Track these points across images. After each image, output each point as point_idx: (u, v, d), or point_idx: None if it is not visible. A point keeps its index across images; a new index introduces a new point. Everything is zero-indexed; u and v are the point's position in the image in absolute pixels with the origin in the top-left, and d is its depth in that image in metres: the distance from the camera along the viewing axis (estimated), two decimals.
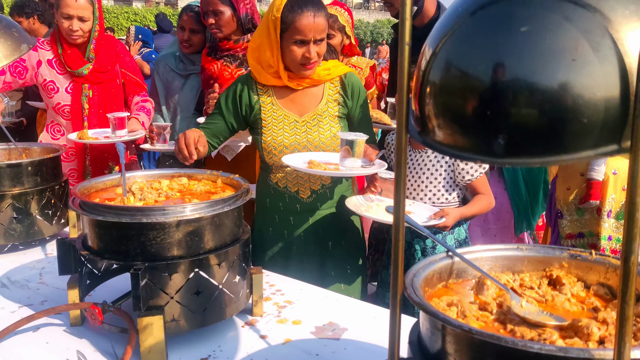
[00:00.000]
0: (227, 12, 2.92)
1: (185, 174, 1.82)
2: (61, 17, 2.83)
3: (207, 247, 1.48)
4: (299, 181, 2.26)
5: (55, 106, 2.96)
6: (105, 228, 1.45)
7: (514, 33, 0.75)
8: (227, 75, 3.00)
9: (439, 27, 0.87)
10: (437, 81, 0.84)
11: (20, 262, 2.08)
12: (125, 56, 3.17)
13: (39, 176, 2.15)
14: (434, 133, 0.86)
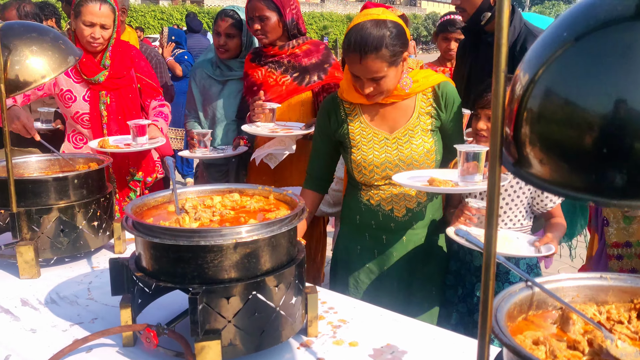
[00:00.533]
0: (273, 17, 2.87)
1: (236, 189, 1.77)
2: (82, 25, 2.79)
3: (264, 268, 1.43)
4: (394, 199, 2.21)
5: (74, 115, 2.93)
6: (161, 250, 1.41)
7: (633, 64, 0.68)
8: (272, 82, 2.96)
9: (537, 51, 0.81)
10: (539, 110, 0.77)
11: (67, 275, 2.06)
12: (140, 60, 3.13)
13: (84, 189, 2.13)
14: (530, 165, 0.80)
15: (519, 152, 0.81)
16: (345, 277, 2.30)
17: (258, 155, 2.85)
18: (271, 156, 2.82)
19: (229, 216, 1.57)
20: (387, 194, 2.21)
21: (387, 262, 2.26)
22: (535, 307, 1.09)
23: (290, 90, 2.95)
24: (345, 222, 2.37)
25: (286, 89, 2.95)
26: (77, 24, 2.80)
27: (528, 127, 0.79)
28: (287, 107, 2.96)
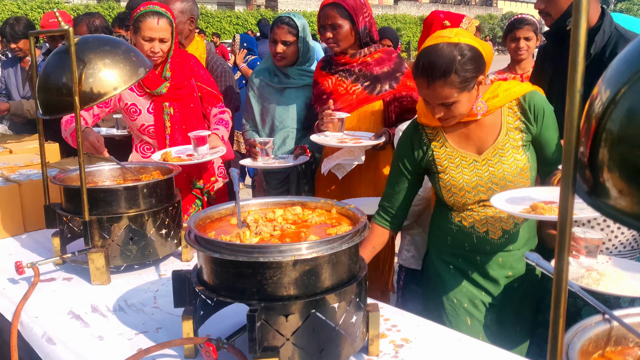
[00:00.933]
0: (346, 25, 2.83)
1: (299, 202, 1.75)
2: (142, 40, 2.84)
3: (324, 286, 1.40)
4: (489, 221, 2.10)
5: (140, 127, 2.98)
6: (221, 265, 1.40)
7: None
8: (342, 91, 2.92)
9: (621, 65, 0.73)
10: (620, 132, 0.70)
11: (136, 283, 2.11)
12: (199, 69, 3.16)
13: (153, 197, 2.17)
14: (608, 195, 0.72)
15: (594, 178, 0.74)
16: (438, 297, 2.21)
17: (326, 165, 2.81)
18: (339, 166, 2.78)
19: (290, 231, 1.55)
20: (481, 215, 2.10)
21: (482, 282, 2.18)
22: (613, 343, 1.01)
23: (361, 99, 2.90)
24: (434, 243, 2.27)
25: (356, 98, 2.90)
26: (137, 39, 2.85)
27: (606, 151, 0.72)
28: (357, 117, 2.92)
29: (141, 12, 2.83)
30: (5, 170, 2.94)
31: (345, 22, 2.83)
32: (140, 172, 2.42)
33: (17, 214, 2.63)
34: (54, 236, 2.25)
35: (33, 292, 1.98)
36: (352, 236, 1.45)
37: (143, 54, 2.81)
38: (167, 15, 2.87)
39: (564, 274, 0.79)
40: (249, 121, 3.35)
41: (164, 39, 2.85)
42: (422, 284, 2.35)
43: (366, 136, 2.75)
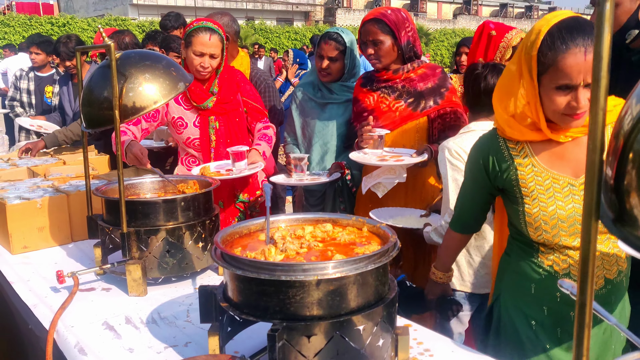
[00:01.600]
0: (388, 41, 2.78)
1: (330, 219, 1.72)
2: (192, 54, 2.87)
3: (349, 307, 1.36)
4: None
5: (186, 141, 3.02)
6: (244, 282, 1.38)
7: None
8: (384, 108, 2.86)
9: None
10: None
11: (171, 295, 2.12)
12: (245, 84, 3.17)
13: (191, 211, 2.18)
14: (637, 226, 0.65)
15: (620, 204, 0.68)
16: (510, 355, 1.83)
17: (366, 184, 2.75)
18: (380, 185, 2.71)
19: (317, 249, 1.52)
20: (576, 258, 1.69)
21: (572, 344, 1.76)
22: None
23: (405, 116, 2.84)
24: (510, 289, 1.87)
25: (400, 115, 2.84)
26: (188, 53, 2.90)
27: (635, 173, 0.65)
28: (400, 134, 2.86)
29: (194, 27, 2.89)
30: (57, 180, 3.03)
31: (387, 37, 2.77)
32: (181, 185, 2.44)
33: (64, 224, 2.71)
34: (95, 247, 2.29)
35: (72, 302, 2.02)
36: (379, 256, 1.40)
37: (193, 68, 2.88)
38: (219, 32, 2.92)
39: (587, 307, 0.73)
40: (290, 135, 3.34)
41: (214, 54, 2.90)
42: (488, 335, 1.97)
43: (407, 153, 2.68)
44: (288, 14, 36.30)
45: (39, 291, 2.17)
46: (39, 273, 2.36)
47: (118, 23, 25.09)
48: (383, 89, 2.88)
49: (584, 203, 0.71)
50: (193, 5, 31.07)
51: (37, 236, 2.63)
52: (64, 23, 23.51)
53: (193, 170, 2.86)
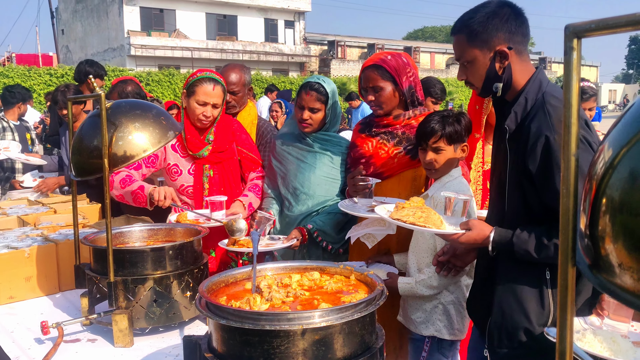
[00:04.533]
0: (388, 87, 2.74)
1: (317, 267, 1.70)
2: (195, 104, 2.92)
3: (335, 357, 1.33)
4: None
5: (180, 188, 3.03)
6: (228, 332, 1.36)
7: None
8: (383, 154, 2.80)
9: (626, 122, 0.67)
10: (621, 201, 0.63)
11: (158, 346, 2.07)
12: (241, 134, 3.20)
13: (179, 260, 2.16)
14: (612, 272, 0.65)
15: (596, 250, 0.67)
16: None
17: (355, 233, 2.68)
18: (369, 235, 2.65)
19: (303, 297, 1.50)
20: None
21: None
22: None
23: (403, 163, 2.78)
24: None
25: (398, 162, 2.78)
26: (190, 102, 2.94)
27: (608, 219, 0.65)
28: (397, 182, 2.80)
29: (198, 77, 2.95)
30: (46, 229, 3.01)
31: (387, 84, 2.73)
32: (170, 234, 2.43)
33: (52, 273, 2.67)
34: (82, 296, 2.25)
35: (55, 353, 1.98)
36: (366, 305, 1.38)
37: (194, 117, 2.92)
38: (222, 83, 3.00)
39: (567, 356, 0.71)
40: (270, 187, 3.21)
41: (217, 104, 2.96)
42: None
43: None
44: (284, 64, 36.93)
45: (22, 343, 2.13)
46: (23, 324, 2.31)
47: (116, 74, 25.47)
48: (382, 134, 2.82)
49: (560, 249, 0.71)
50: (190, 56, 31.63)
51: (24, 286, 2.59)
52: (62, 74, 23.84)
53: (170, 217, 2.84)
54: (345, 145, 3.06)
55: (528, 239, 1.88)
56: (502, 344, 2.00)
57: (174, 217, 2.81)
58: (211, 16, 35.65)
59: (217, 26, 35.92)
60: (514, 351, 1.97)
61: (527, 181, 1.91)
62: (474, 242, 1.99)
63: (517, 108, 1.96)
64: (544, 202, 1.88)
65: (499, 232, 1.95)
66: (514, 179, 1.97)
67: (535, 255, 1.86)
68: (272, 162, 3.20)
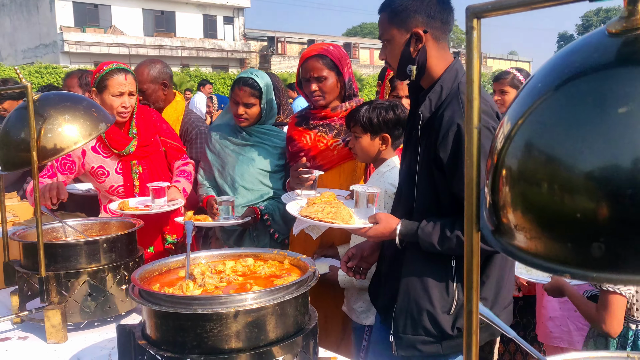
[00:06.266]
0: (332, 77, 2.75)
1: (251, 253, 1.73)
2: (111, 97, 2.84)
3: (268, 339, 1.36)
4: None
5: (109, 189, 2.96)
6: (161, 318, 1.37)
7: (608, 114, 0.60)
8: (322, 147, 2.82)
9: (521, 100, 0.73)
10: (515, 169, 0.69)
11: (93, 340, 2.05)
12: (162, 124, 3.17)
13: (114, 252, 2.14)
14: (511, 235, 0.70)
15: (497, 217, 0.73)
16: None
17: (298, 226, 2.69)
18: (314, 227, 2.68)
19: (237, 282, 1.52)
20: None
21: None
22: None
23: (342, 155, 2.81)
24: None
25: (338, 153, 2.81)
26: (104, 97, 2.85)
27: (507, 188, 0.71)
28: (338, 173, 2.83)
29: (107, 71, 2.87)
30: None
31: (331, 73, 2.75)
32: (104, 227, 2.39)
33: None
34: (12, 294, 2.20)
35: None
36: (298, 286, 1.42)
37: (113, 112, 2.83)
38: (131, 72, 2.95)
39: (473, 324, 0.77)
40: (207, 179, 3.19)
41: (132, 92, 2.90)
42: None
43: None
44: (223, 60, 36.54)
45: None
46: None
47: (49, 71, 24.58)
48: (320, 127, 2.84)
49: (466, 216, 0.76)
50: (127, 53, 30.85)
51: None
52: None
53: (110, 205, 2.79)
54: (284, 137, 3.08)
55: (432, 231, 1.90)
56: (407, 329, 2.04)
57: (115, 205, 2.75)
58: (148, 12, 34.90)
59: (154, 22, 35.20)
60: (418, 336, 2.02)
61: (437, 171, 1.92)
62: (381, 235, 2.01)
63: (432, 95, 1.98)
64: (453, 192, 1.91)
65: (405, 225, 1.97)
66: (424, 168, 1.98)
67: (438, 247, 1.89)
68: (207, 154, 3.18)
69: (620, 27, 0.64)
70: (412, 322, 2.02)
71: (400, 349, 2.05)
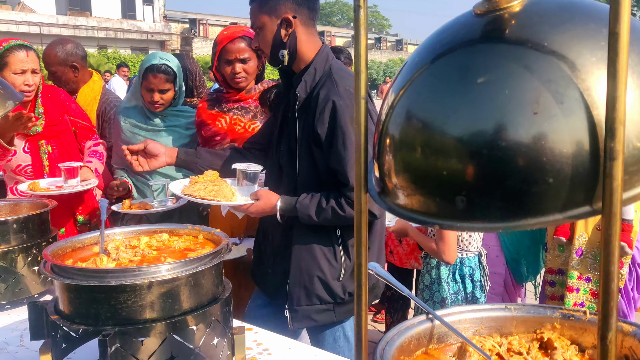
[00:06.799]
0: (254, 59, 2.80)
1: (166, 229, 1.76)
2: (13, 74, 2.75)
3: (182, 308, 1.40)
4: None
5: (16, 169, 2.88)
6: (74, 291, 1.38)
7: (470, 84, 0.69)
8: (240, 130, 2.83)
9: (402, 73, 0.81)
10: (396, 135, 0.77)
11: (3, 322, 2.01)
12: (70, 103, 3.12)
13: (25, 233, 2.10)
14: (394, 195, 0.79)
15: (382, 180, 0.81)
16: None
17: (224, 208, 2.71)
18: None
19: (151, 256, 1.55)
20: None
21: None
22: (436, 341, 1.07)
23: None
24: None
25: None
26: (6, 75, 2.74)
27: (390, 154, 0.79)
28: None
29: (6, 47, 2.76)
30: None
31: (253, 55, 2.79)
32: (14, 209, 2.33)
33: None
34: None
35: None
36: (211, 257, 1.47)
37: (17, 90, 2.74)
38: (33, 49, 2.85)
39: (363, 269, 0.85)
40: (119, 164, 3.12)
41: (36, 69, 2.81)
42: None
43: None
44: (143, 42, 35.39)
45: None
46: None
47: None
48: (235, 109, 2.85)
49: (355, 180, 0.83)
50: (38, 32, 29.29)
51: None
52: None
53: (20, 186, 2.72)
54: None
55: (309, 204, 2.05)
56: (301, 301, 2.14)
57: (25, 186, 2.68)
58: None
59: (67, 0, 33.57)
60: (313, 306, 2.14)
61: (316, 147, 2.06)
62: (262, 210, 2.12)
63: (307, 77, 2.10)
64: (329, 166, 2.05)
65: (284, 200, 2.10)
66: (304, 146, 2.10)
67: (315, 218, 2.04)
68: (119, 137, 3.12)
69: (484, 9, 0.73)
70: (305, 292, 2.13)
71: (295, 321, 2.16)
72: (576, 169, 0.63)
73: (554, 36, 0.68)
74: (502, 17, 0.72)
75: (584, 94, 0.64)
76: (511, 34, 0.71)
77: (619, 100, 0.57)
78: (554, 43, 0.67)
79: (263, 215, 2.16)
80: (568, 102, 0.64)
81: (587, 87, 0.64)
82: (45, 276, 2.09)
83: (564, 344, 1.04)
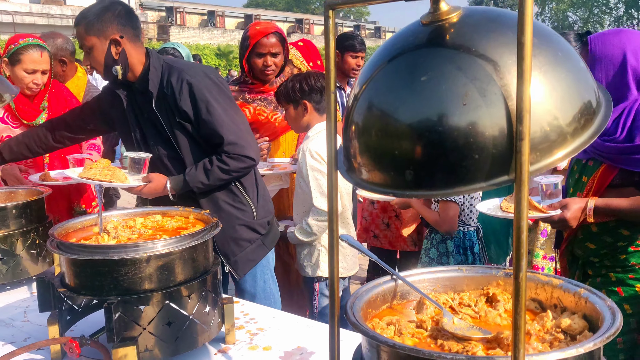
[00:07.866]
0: (281, 54, 2.96)
1: (159, 211, 1.92)
2: (23, 72, 2.89)
3: (177, 280, 1.57)
4: None
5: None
6: (80, 266, 1.54)
7: (416, 81, 0.86)
8: (264, 120, 3.00)
9: (365, 70, 0.98)
10: (359, 122, 0.95)
11: (5, 301, 2.16)
12: (72, 99, 3.25)
13: (23, 218, 2.24)
14: (359, 172, 0.96)
15: (349, 160, 0.99)
16: None
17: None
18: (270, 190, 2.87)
19: (147, 235, 1.72)
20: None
21: None
22: (399, 297, 1.25)
23: (284, 126, 3.01)
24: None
25: (279, 125, 3.02)
26: (16, 70, 2.89)
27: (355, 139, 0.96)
28: (282, 144, 3.05)
29: (22, 45, 2.89)
30: None
31: (282, 50, 2.97)
32: (10, 196, 2.47)
33: None
34: None
35: None
36: (202, 234, 1.64)
37: (23, 86, 2.88)
38: (47, 49, 2.98)
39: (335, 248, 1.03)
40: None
41: (45, 70, 2.94)
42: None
43: (284, 161, 2.90)
44: None
45: None
46: None
47: None
48: (258, 101, 3.03)
49: (327, 160, 1.01)
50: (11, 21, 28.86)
51: None
52: None
53: (32, 177, 2.87)
54: None
55: (197, 172, 2.25)
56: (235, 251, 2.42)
57: (37, 177, 2.82)
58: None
59: None
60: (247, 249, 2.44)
61: (187, 122, 2.25)
62: (154, 191, 2.29)
63: (152, 75, 2.28)
64: (204, 134, 2.25)
65: (173, 180, 2.28)
66: (177, 129, 2.27)
67: (207, 181, 2.25)
68: None
69: (429, 20, 0.91)
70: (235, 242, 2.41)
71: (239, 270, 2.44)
72: (496, 147, 0.81)
73: (481, 43, 0.86)
74: (443, 26, 0.90)
75: (502, 89, 0.82)
76: (449, 40, 0.89)
77: (525, 93, 0.75)
78: (480, 48, 0.85)
79: (155, 196, 2.32)
80: (489, 96, 0.82)
81: (504, 83, 0.82)
82: (43, 259, 2.25)
83: (505, 297, 1.23)
